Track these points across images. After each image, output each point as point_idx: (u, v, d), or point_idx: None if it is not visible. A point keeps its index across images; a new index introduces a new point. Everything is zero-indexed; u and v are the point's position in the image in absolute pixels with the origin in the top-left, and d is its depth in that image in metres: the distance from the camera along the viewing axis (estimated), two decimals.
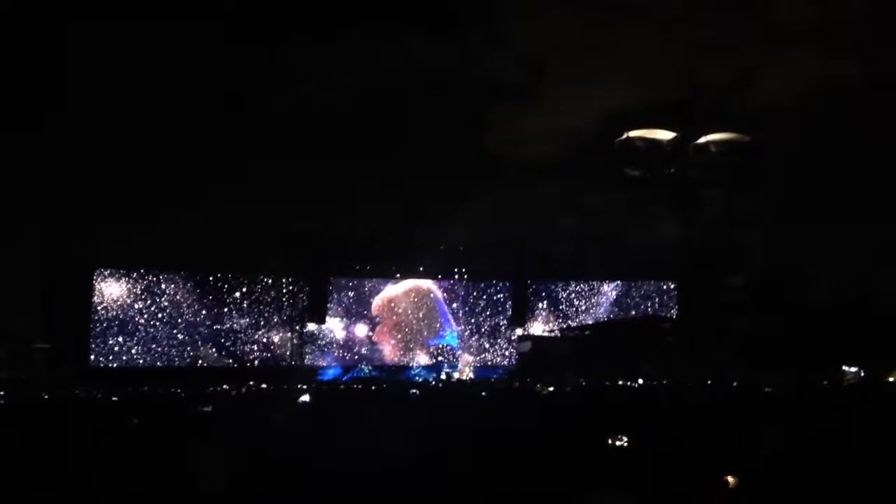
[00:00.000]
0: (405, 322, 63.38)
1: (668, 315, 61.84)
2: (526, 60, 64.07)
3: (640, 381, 47.17)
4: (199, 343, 58.12)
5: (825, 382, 39.65)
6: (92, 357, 55.07)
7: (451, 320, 64.13)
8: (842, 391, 37.45)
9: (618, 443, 15.40)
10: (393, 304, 63.26)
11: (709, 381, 38.50)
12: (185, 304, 57.92)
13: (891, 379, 44.18)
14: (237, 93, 58.28)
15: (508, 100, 66.82)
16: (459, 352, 63.25)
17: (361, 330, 62.49)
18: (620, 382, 46.45)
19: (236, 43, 55.67)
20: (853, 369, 48.22)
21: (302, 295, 60.48)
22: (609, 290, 64.68)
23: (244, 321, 59.31)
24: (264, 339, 59.77)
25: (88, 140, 54.22)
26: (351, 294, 62.65)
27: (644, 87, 55.98)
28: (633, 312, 63.32)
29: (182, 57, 55.75)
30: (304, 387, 49.00)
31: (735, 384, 38.05)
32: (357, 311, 62.60)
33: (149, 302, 57.16)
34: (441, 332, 63.90)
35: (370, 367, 60.73)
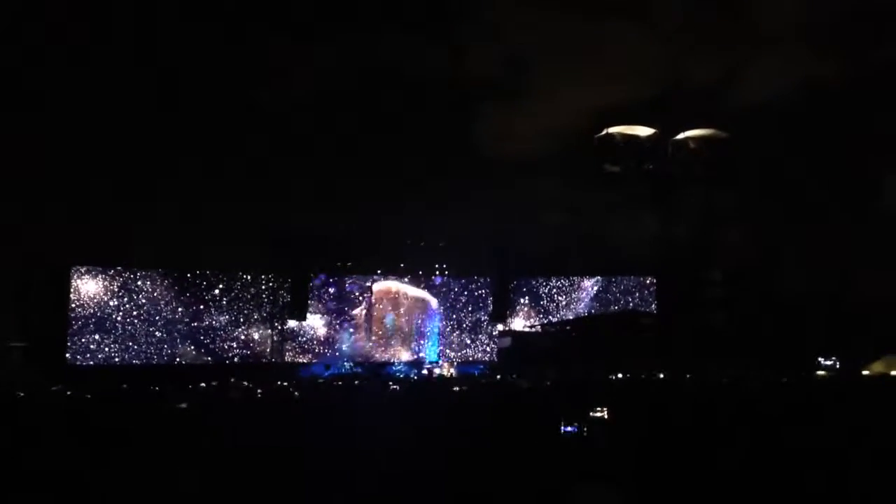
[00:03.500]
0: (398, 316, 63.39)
1: (648, 310, 62.32)
2: (506, 59, 64.24)
3: (620, 375, 47.48)
4: (178, 340, 57.58)
5: (802, 375, 40.17)
6: (68, 355, 54.35)
7: (438, 334, 63.98)
8: (818, 384, 37.98)
9: (598, 414, 15.62)
10: (392, 295, 63.17)
11: (688, 375, 38.88)
12: (162, 302, 57.35)
13: (866, 372, 44.87)
14: (217, 90, 57.69)
15: (490, 98, 66.77)
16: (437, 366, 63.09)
17: (342, 326, 62.26)
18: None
19: (224, 42, 55.11)
20: (829, 362, 48.90)
21: (282, 292, 60.17)
22: (589, 286, 64.99)
23: (223, 318, 58.85)
24: (243, 337, 59.35)
25: (62, 136, 53.40)
26: (332, 291, 62.42)
27: (624, 85, 56.38)
28: (614, 307, 63.68)
29: (160, 55, 55.09)
30: (285, 383, 48.72)
31: (713, 377, 38.42)
32: (338, 307, 62.38)
33: (126, 299, 56.52)
34: (425, 341, 63.75)
35: (351, 364, 60.54)
